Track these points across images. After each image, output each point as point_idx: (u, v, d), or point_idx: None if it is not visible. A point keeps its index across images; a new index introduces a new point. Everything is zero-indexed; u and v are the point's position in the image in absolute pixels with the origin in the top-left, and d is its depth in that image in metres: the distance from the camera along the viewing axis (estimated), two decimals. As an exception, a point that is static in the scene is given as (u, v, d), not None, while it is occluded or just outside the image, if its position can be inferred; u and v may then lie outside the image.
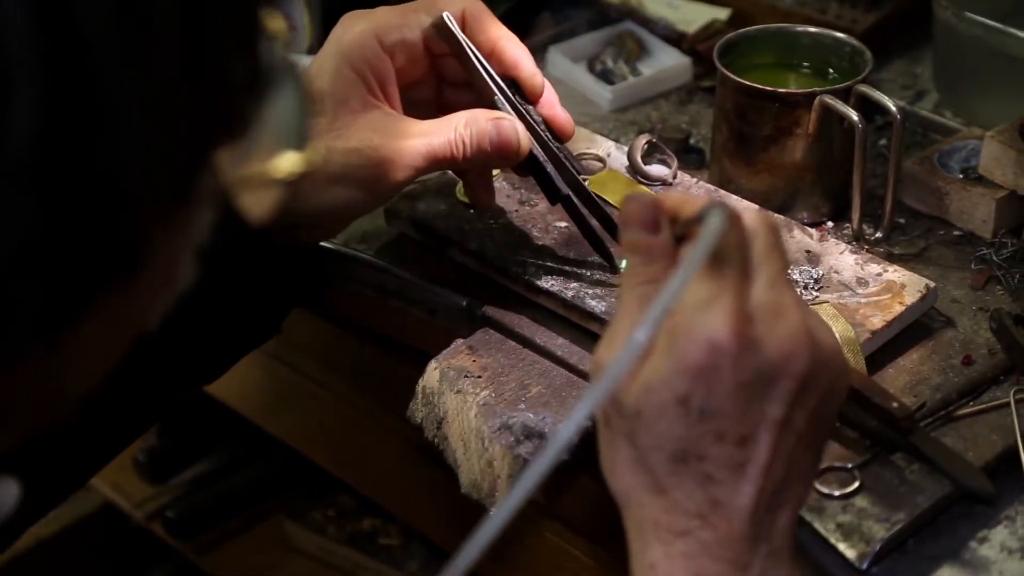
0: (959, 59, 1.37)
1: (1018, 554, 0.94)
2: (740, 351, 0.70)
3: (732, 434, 0.71)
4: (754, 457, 0.72)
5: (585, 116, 1.41)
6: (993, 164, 1.20)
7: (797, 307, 0.72)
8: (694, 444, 0.71)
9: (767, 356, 0.71)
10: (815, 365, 0.72)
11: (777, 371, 0.71)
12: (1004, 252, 1.18)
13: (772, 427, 0.71)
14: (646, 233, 0.75)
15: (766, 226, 0.75)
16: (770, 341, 0.71)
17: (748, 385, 0.71)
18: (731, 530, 0.72)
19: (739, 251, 0.73)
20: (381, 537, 1.73)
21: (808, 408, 0.72)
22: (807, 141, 1.21)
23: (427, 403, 1.08)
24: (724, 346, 0.70)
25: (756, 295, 0.72)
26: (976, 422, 1.02)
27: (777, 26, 1.31)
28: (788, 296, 0.73)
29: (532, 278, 1.13)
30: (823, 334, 0.73)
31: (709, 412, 0.71)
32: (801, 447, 0.73)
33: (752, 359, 0.70)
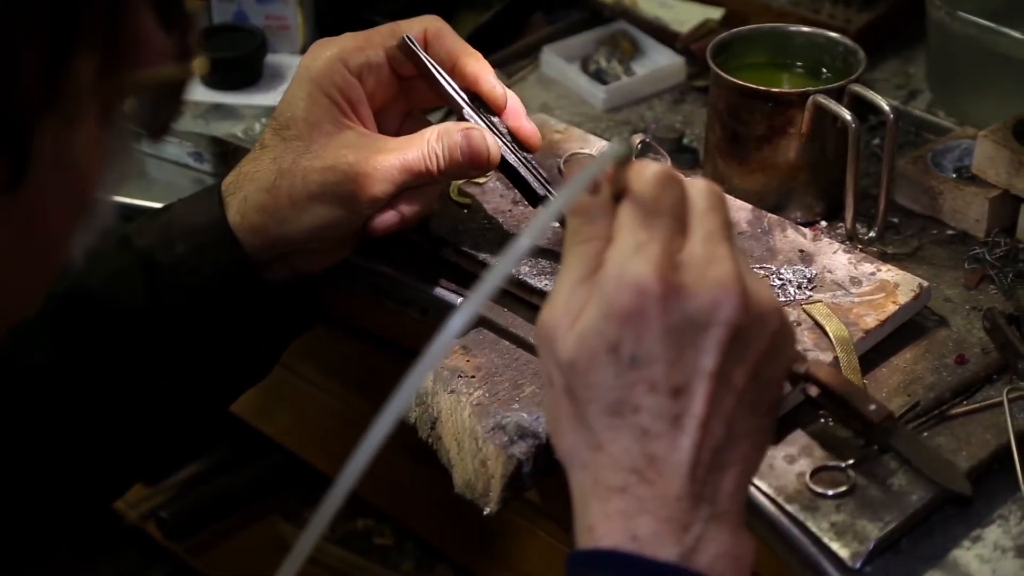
0: (952, 59, 1.37)
1: (1012, 553, 0.94)
2: (666, 295, 0.70)
3: (665, 384, 0.71)
4: (690, 409, 0.71)
5: (579, 116, 1.41)
6: (986, 163, 1.20)
7: (731, 260, 0.72)
8: (627, 393, 0.71)
9: (695, 302, 0.70)
10: (747, 316, 0.71)
11: (706, 317, 0.70)
12: (997, 251, 1.19)
13: (706, 378, 0.71)
14: (587, 194, 0.75)
15: (708, 190, 0.75)
16: (699, 287, 0.71)
17: (677, 332, 0.70)
18: (668, 487, 0.71)
19: (674, 207, 0.73)
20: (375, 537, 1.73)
21: (747, 363, 0.72)
22: (800, 141, 1.21)
23: (420, 403, 1.08)
24: (650, 290, 0.70)
25: (690, 247, 0.72)
26: (970, 421, 1.02)
27: (770, 26, 1.31)
28: (724, 249, 0.72)
29: (526, 278, 1.13)
30: (760, 289, 0.73)
31: (640, 359, 0.70)
32: (743, 406, 0.72)
33: (680, 304, 0.70)
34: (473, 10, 1.60)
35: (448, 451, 1.06)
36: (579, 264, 0.74)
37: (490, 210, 1.20)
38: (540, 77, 1.49)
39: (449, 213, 1.19)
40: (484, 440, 1.01)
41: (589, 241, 0.74)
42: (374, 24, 1.52)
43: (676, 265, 0.71)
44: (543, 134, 1.28)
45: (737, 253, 0.73)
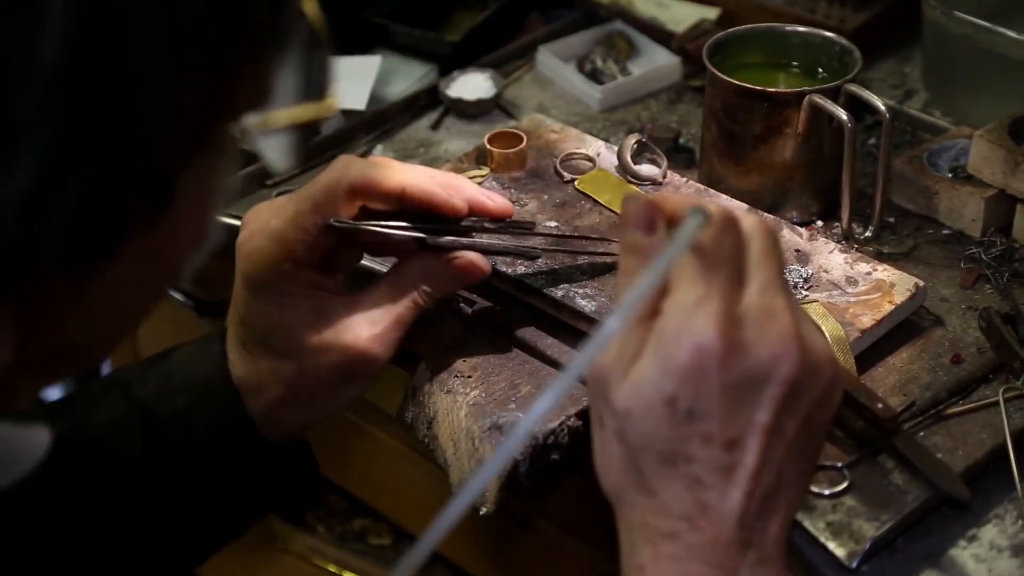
0: (948, 58, 1.37)
1: (1007, 552, 0.95)
2: (726, 353, 0.70)
3: (720, 437, 0.71)
4: (743, 462, 0.71)
5: (575, 116, 1.41)
6: (982, 163, 1.20)
7: (790, 312, 0.72)
8: (682, 446, 0.71)
9: (754, 359, 0.71)
10: (805, 371, 0.71)
11: (765, 375, 0.71)
12: (993, 251, 1.19)
13: (761, 432, 0.71)
14: (643, 234, 0.75)
15: (763, 230, 0.74)
16: (758, 344, 0.70)
17: (735, 388, 0.71)
18: (719, 534, 0.72)
19: (732, 255, 0.72)
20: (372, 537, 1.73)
21: (799, 415, 0.72)
22: (796, 140, 1.21)
23: (417, 403, 1.08)
24: (710, 348, 0.70)
25: (748, 299, 0.72)
26: (965, 421, 1.02)
27: (766, 25, 1.31)
28: (781, 301, 0.72)
29: (522, 278, 1.13)
30: (816, 341, 0.73)
31: (696, 414, 0.71)
32: (792, 454, 0.73)
33: (739, 362, 0.70)
34: (469, 10, 1.60)
35: (444, 451, 1.06)
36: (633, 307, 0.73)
37: (486, 210, 1.20)
38: (536, 77, 1.49)
39: (445, 213, 1.19)
40: (481, 440, 1.01)
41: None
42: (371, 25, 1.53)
43: (735, 320, 0.71)
44: (539, 134, 1.29)
45: (793, 302, 0.73)
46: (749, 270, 0.73)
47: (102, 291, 0.56)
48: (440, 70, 1.49)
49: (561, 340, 1.09)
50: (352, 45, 1.52)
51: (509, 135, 1.26)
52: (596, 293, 1.11)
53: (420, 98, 1.44)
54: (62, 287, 0.54)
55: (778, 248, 0.75)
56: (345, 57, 1.47)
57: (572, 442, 1.03)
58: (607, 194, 1.21)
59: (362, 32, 1.53)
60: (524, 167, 1.25)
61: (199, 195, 0.58)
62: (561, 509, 1.17)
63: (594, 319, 1.09)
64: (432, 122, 1.41)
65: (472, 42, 1.51)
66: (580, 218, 1.19)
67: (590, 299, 1.10)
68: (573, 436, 1.02)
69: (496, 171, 1.24)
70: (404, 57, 1.52)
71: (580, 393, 1.05)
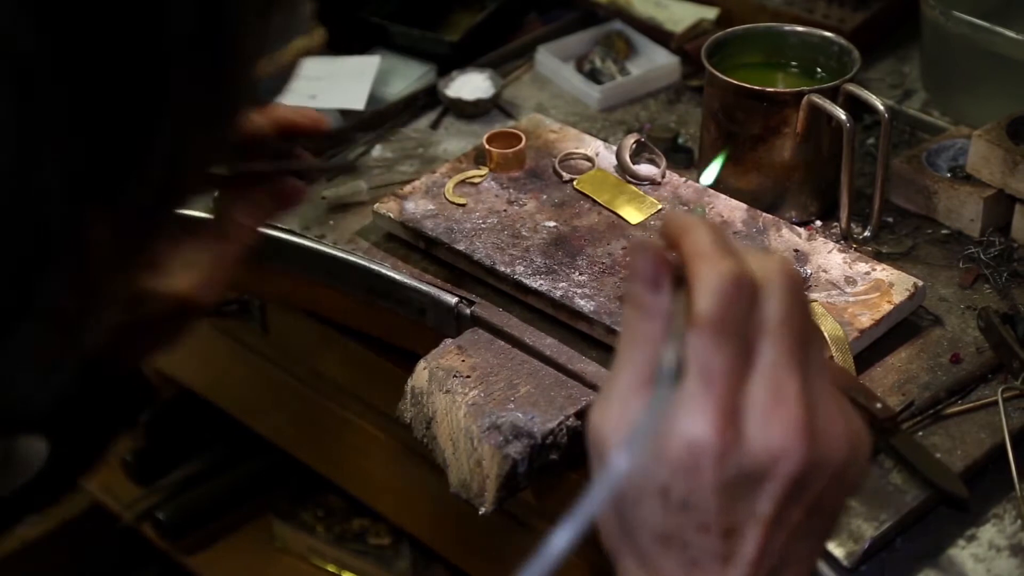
0: (947, 58, 1.37)
1: (1006, 552, 0.95)
2: (722, 452, 0.65)
3: (716, 527, 0.67)
4: (741, 551, 0.67)
5: (573, 116, 1.41)
6: (981, 163, 1.20)
7: (798, 398, 0.65)
8: (676, 531, 0.68)
9: (753, 456, 0.65)
10: (811, 465, 0.66)
11: (765, 472, 0.65)
12: (992, 251, 1.19)
13: (761, 524, 0.67)
14: (647, 291, 0.69)
15: (786, 286, 0.66)
16: (759, 440, 0.65)
17: (732, 484, 0.66)
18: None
19: (741, 326, 0.65)
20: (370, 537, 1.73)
21: (804, 503, 0.67)
22: (795, 140, 1.21)
23: (416, 403, 1.08)
24: (704, 447, 0.64)
25: (754, 381, 0.65)
26: (964, 420, 1.02)
27: (765, 25, 1.31)
28: (793, 383, 0.65)
29: (521, 278, 1.13)
30: (829, 426, 0.66)
31: (691, 505, 0.66)
32: (797, 538, 0.68)
33: (736, 459, 0.65)
34: (468, 10, 1.60)
35: (443, 451, 1.06)
36: (635, 368, 0.68)
37: (485, 210, 1.20)
38: (535, 77, 1.49)
39: (444, 213, 1.20)
40: (479, 440, 1.01)
41: (647, 343, 0.68)
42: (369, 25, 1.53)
43: (734, 411, 0.65)
44: (538, 134, 1.29)
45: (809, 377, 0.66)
46: (761, 340, 0.66)
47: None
48: (439, 70, 1.49)
49: (560, 340, 1.09)
50: (351, 45, 1.51)
51: (508, 135, 1.26)
52: (595, 293, 1.11)
53: (419, 98, 1.44)
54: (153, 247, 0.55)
55: (800, 308, 0.67)
56: (344, 57, 1.47)
57: (571, 442, 1.03)
58: (606, 194, 1.21)
59: (361, 32, 1.53)
60: (523, 167, 1.25)
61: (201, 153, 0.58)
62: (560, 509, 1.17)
63: (592, 319, 1.09)
64: (431, 122, 1.41)
65: (471, 42, 1.51)
66: (579, 218, 1.19)
67: (588, 299, 1.10)
68: (572, 436, 1.02)
69: (495, 171, 1.24)
70: (403, 57, 1.52)
71: (578, 393, 1.05)
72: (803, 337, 0.66)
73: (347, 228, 1.24)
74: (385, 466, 1.40)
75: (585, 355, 1.08)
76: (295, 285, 1.28)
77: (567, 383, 1.06)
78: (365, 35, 1.53)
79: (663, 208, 1.20)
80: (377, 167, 1.33)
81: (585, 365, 1.07)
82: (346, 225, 1.25)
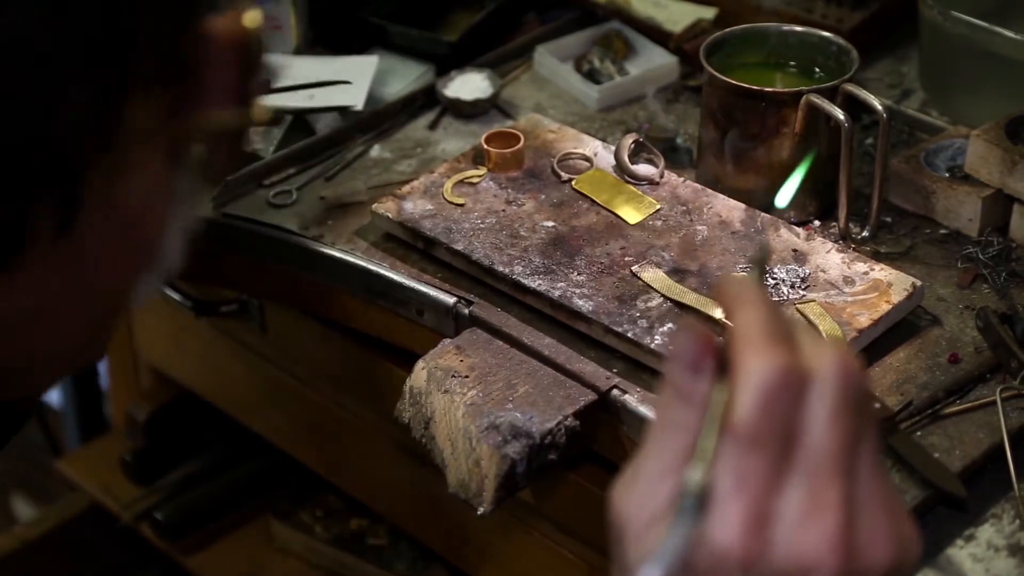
0: (945, 58, 1.37)
1: (1005, 552, 0.95)
2: (748, 562, 0.60)
3: None
4: None
5: (572, 116, 1.41)
6: (979, 163, 1.20)
7: (839, 506, 0.60)
8: None
9: (780, 568, 0.60)
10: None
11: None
12: (990, 250, 1.19)
13: None
14: (687, 375, 0.64)
15: (839, 381, 0.60)
16: (790, 550, 0.60)
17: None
18: None
19: (782, 430, 0.60)
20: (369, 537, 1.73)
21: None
22: (794, 140, 1.21)
23: (415, 403, 1.08)
24: (729, 557, 0.60)
25: (791, 485, 0.60)
26: (963, 420, 1.02)
27: (763, 25, 1.31)
28: (832, 491, 0.60)
29: (519, 278, 1.13)
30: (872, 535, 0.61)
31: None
32: None
33: (762, 571, 0.60)
34: (466, 10, 1.60)
35: (442, 451, 1.06)
36: (664, 454, 0.64)
37: (484, 210, 1.20)
38: (533, 77, 1.49)
39: (443, 213, 1.20)
40: (478, 440, 1.01)
41: (680, 430, 0.63)
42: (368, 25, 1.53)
43: (765, 517, 0.60)
44: (537, 134, 1.29)
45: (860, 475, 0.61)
46: (805, 442, 0.60)
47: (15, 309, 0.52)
48: (437, 70, 1.49)
49: (558, 340, 1.09)
50: (349, 45, 1.51)
51: (506, 135, 1.26)
52: (593, 292, 1.11)
53: (417, 98, 1.44)
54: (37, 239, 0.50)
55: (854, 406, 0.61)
56: (342, 57, 1.47)
57: (569, 443, 1.03)
58: (604, 194, 1.21)
59: (359, 32, 1.53)
60: (521, 167, 1.25)
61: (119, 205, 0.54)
62: (558, 509, 1.17)
63: (591, 319, 1.09)
64: (429, 122, 1.41)
65: (469, 42, 1.51)
66: (577, 218, 1.19)
67: (587, 299, 1.10)
68: (570, 437, 1.02)
69: (493, 171, 1.24)
70: (401, 57, 1.52)
71: (577, 393, 1.05)
72: (854, 437, 0.61)
73: (345, 228, 1.24)
74: (383, 466, 1.40)
75: (583, 355, 1.08)
76: (294, 285, 1.27)
77: (565, 383, 1.06)
78: (364, 35, 1.53)
79: (661, 208, 1.20)
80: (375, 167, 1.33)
81: (583, 365, 1.07)
82: (344, 225, 1.24)
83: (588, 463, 1.10)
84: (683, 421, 0.63)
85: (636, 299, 1.10)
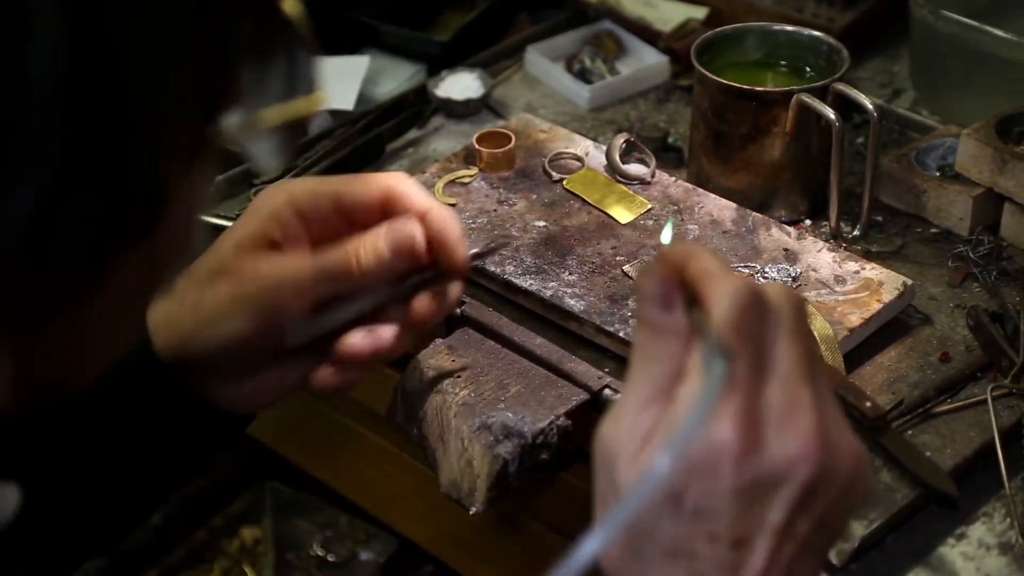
0: (936, 57, 1.37)
1: (996, 550, 0.95)
2: (742, 454, 0.65)
3: (726, 536, 0.67)
4: (750, 562, 0.67)
5: (563, 115, 1.41)
6: (970, 162, 1.20)
7: (813, 406, 0.66)
8: (686, 542, 0.67)
9: (771, 461, 0.66)
10: (824, 472, 0.67)
11: (780, 477, 0.66)
12: (981, 249, 1.19)
13: (771, 533, 0.67)
14: (659, 311, 0.69)
15: (792, 306, 0.68)
16: (777, 445, 0.66)
17: (747, 489, 0.66)
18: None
19: (755, 338, 0.67)
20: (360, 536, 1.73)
21: (814, 515, 0.68)
22: (785, 139, 1.21)
23: (407, 403, 1.08)
24: (725, 449, 0.65)
25: (770, 390, 0.66)
26: (954, 419, 1.03)
27: (754, 25, 1.31)
28: (806, 392, 0.67)
29: (511, 277, 1.13)
30: (840, 436, 0.67)
31: (703, 513, 0.66)
32: (803, 553, 0.68)
33: (754, 463, 0.65)
34: (458, 10, 1.60)
35: (434, 451, 1.06)
36: (647, 384, 0.69)
37: (475, 210, 1.20)
38: (525, 76, 1.49)
39: (434, 213, 1.19)
40: (470, 440, 1.01)
41: (658, 361, 0.69)
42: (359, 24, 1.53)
43: (754, 416, 0.66)
44: (528, 134, 1.29)
45: (820, 388, 0.67)
46: (774, 354, 0.67)
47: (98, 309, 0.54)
48: (429, 70, 1.49)
49: (550, 340, 1.09)
50: (340, 45, 1.51)
51: (498, 135, 1.26)
52: (585, 292, 1.11)
53: (409, 98, 1.43)
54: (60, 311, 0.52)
55: (805, 324, 0.69)
56: (333, 57, 1.47)
57: (561, 442, 1.03)
58: (596, 193, 1.21)
59: (350, 32, 1.53)
60: (513, 167, 1.25)
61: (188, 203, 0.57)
62: (550, 509, 1.17)
63: (583, 319, 1.09)
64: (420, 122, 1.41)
65: (461, 42, 1.51)
66: (569, 218, 1.19)
67: (578, 298, 1.10)
68: (562, 436, 1.02)
69: (485, 171, 1.24)
70: (392, 57, 1.52)
71: (569, 393, 1.05)
72: (810, 352, 0.68)
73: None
74: (375, 466, 1.40)
75: (575, 355, 1.08)
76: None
77: (557, 383, 1.06)
78: (354, 35, 1.53)
79: (653, 207, 1.20)
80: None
81: (575, 364, 1.07)
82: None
83: (580, 463, 1.10)
84: (661, 353, 0.69)
85: (628, 298, 1.10)
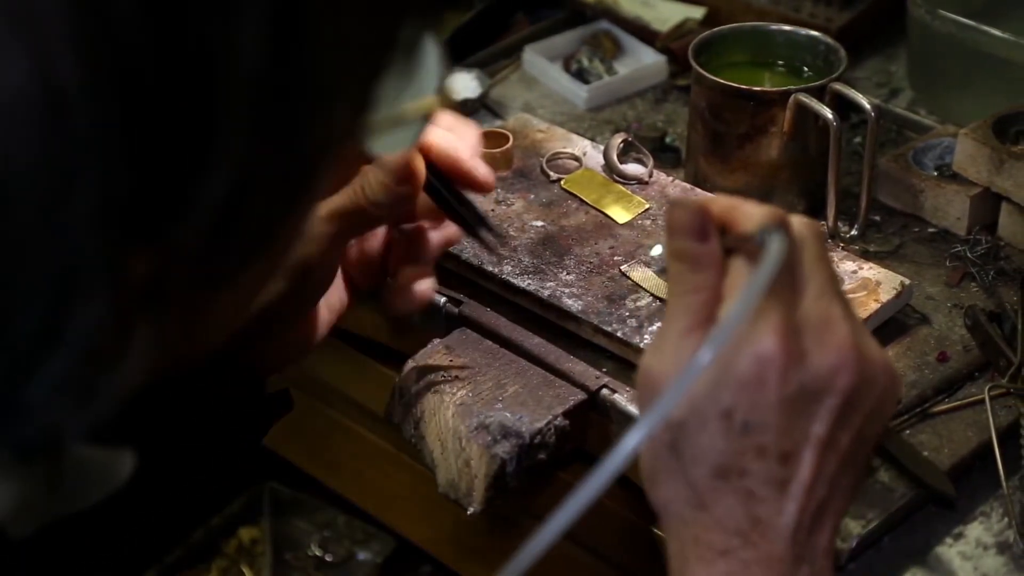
0: (933, 57, 1.37)
1: (993, 550, 0.95)
2: (787, 365, 0.68)
3: (774, 450, 0.69)
4: (797, 475, 0.70)
5: (561, 115, 1.41)
6: (967, 161, 1.20)
7: (846, 320, 0.70)
8: (736, 459, 0.70)
9: (814, 371, 0.69)
10: (862, 381, 0.70)
11: (823, 386, 0.69)
12: (978, 249, 1.19)
13: (816, 445, 0.69)
14: (694, 241, 0.72)
15: (814, 234, 0.72)
16: (817, 355, 0.69)
17: (793, 400, 0.69)
18: (772, 549, 0.70)
19: (788, 262, 0.69)
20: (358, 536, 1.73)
21: (853, 427, 0.71)
22: (782, 139, 1.21)
23: (404, 403, 1.08)
24: (771, 359, 0.68)
25: (805, 307, 0.70)
26: (951, 419, 1.03)
27: (752, 24, 1.31)
28: (837, 308, 0.70)
29: (508, 277, 1.13)
30: (872, 349, 0.71)
31: (752, 426, 0.69)
32: (844, 467, 0.71)
33: (798, 373, 0.68)
34: (455, 10, 1.59)
35: (431, 451, 1.06)
36: (687, 315, 0.71)
37: (473, 210, 1.20)
38: (522, 76, 1.49)
39: (432, 213, 1.19)
40: (467, 440, 1.01)
41: (696, 292, 0.71)
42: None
43: (794, 329, 0.69)
44: (526, 134, 1.29)
45: (848, 308, 0.71)
46: (804, 276, 0.70)
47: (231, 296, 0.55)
48: (426, 70, 1.49)
49: (547, 339, 1.09)
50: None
51: (495, 135, 1.26)
52: (583, 292, 1.11)
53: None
54: (221, 285, 0.53)
55: (827, 251, 0.73)
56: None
57: (559, 442, 1.03)
58: (593, 193, 1.21)
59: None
60: (510, 167, 1.25)
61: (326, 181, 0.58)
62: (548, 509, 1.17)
63: (580, 319, 1.09)
64: (418, 122, 1.41)
65: (458, 42, 1.51)
66: (567, 218, 1.19)
67: (576, 298, 1.10)
68: (560, 436, 1.02)
69: (482, 171, 1.24)
70: (390, 57, 1.52)
71: (567, 393, 1.05)
72: (835, 273, 0.72)
73: (335, 228, 1.24)
74: (372, 466, 1.39)
75: (573, 355, 1.08)
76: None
77: (555, 383, 1.06)
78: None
79: (650, 207, 1.20)
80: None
81: (573, 365, 1.07)
82: (334, 225, 1.24)
83: (578, 463, 1.10)
84: (698, 283, 0.71)
85: (625, 298, 1.10)
